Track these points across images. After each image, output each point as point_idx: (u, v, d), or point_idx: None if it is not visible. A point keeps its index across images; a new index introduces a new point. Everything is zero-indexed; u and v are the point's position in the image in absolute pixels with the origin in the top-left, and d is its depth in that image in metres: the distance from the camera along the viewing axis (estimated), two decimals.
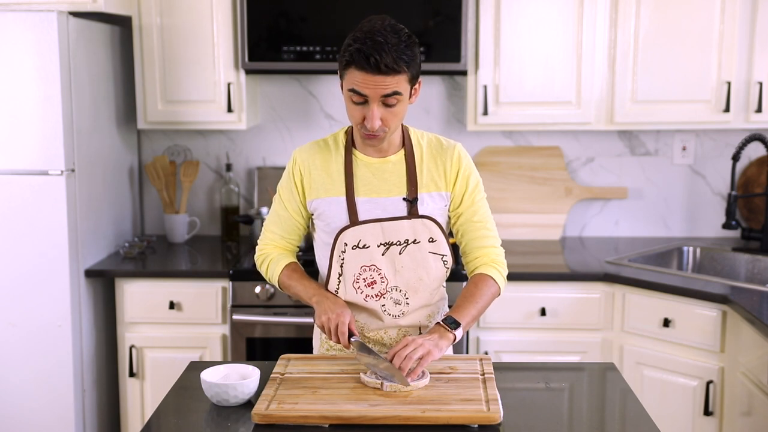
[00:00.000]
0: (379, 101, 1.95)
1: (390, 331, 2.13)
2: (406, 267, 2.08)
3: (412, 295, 2.11)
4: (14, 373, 3.10)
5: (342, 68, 1.97)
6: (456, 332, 1.99)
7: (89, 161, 3.24)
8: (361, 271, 2.08)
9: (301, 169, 2.13)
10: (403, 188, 2.09)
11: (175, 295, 3.23)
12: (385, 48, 1.89)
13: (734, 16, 3.28)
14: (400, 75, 1.93)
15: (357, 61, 1.91)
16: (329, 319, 1.99)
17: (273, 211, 2.20)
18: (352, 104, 1.98)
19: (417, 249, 2.08)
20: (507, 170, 3.74)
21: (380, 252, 2.07)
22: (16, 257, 3.06)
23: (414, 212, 2.07)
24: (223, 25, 3.37)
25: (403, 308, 2.11)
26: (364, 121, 1.98)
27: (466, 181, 2.12)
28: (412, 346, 1.91)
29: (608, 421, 1.93)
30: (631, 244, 3.63)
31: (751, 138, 3.29)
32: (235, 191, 3.74)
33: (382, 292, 2.10)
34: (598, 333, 3.19)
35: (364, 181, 2.09)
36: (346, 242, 2.07)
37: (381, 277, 2.08)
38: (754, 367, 2.68)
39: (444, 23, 3.27)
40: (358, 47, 1.91)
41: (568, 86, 3.38)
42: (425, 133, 2.16)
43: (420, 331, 2.15)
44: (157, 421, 1.89)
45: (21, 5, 3.10)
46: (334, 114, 3.78)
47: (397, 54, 1.91)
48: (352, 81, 1.94)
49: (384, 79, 1.91)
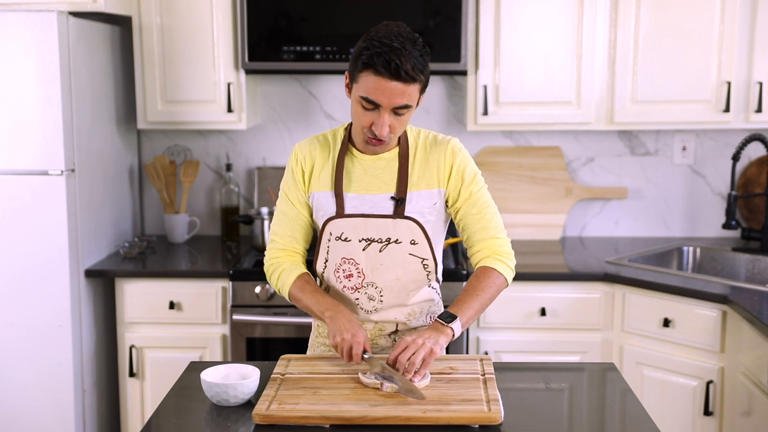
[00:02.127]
0: (389, 110, 1.94)
1: (366, 325, 2.13)
2: (384, 265, 2.08)
3: (387, 293, 2.10)
4: (14, 373, 3.10)
5: (355, 71, 1.95)
6: (453, 326, 1.96)
7: (89, 161, 3.24)
8: (341, 262, 2.09)
9: (302, 163, 2.13)
10: (393, 186, 2.08)
11: (175, 295, 3.23)
12: (404, 55, 1.88)
13: (734, 16, 3.28)
14: (415, 84, 1.93)
15: (376, 64, 1.89)
16: (344, 341, 1.96)
17: (279, 212, 2.18)
18: (362, 109, 1.96)
19: (398, 249, 2.07)
20: (507, 170, 3.74)
21: (361, 247, 2.07)
22: (16, 257, 3.06)
23: (400, 212, 2.06)
24: (223, 25, 3.37)
25: (376, 305, 2.11)
26: (371, 126, 1.97)
27: (462, 175, 2.09)
28: (413, 348, 1.90)
29: (608, 421, 1.93)
30: (631, 244, 3.63)
31: (751, 138, 3.29)
32: (235, 191, 3.74)
33: (358, 286, 2.10)
34: (598, 333, 3.19)
35: (356, 178, 2.08)
36: (331, 232, 2.08)
37: (358, 271, 2.09)
38: (754, 367, 2.68)
39: (444, 23, 3.27)
40: (378, 50, 1.88)
41: (568, 86, 3.38)
42: (422, 131, 2.15)
43: (397, 327, 2.14)
44: (157, 421, 1.89)
45: (21, 5, 3.10)
46: (334, 114, 3.78)
47: (415, 63, 1.90)
48: (366, 87, 1.92)
49: (400, 87, 1.90)
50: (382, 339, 2.15)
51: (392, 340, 2.15)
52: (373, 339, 2.14)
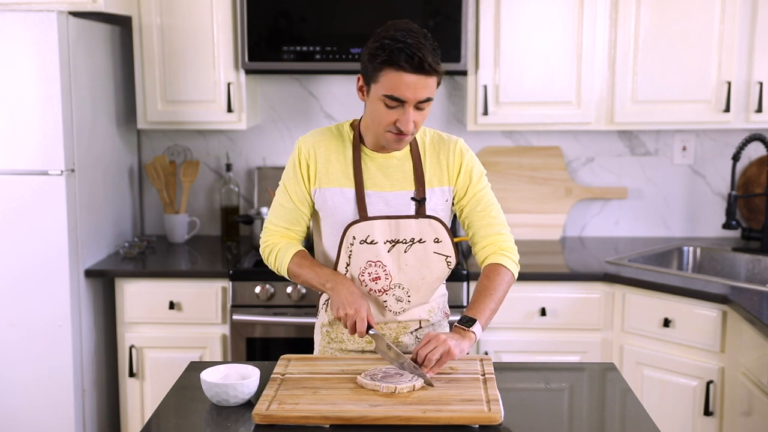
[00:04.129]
0: (414, 105, 1.94)
1: (390, 325, 2.15)
2: (410, 265, 2.10)
3: (414, 293, 2.12)
4: (14, 373, 3.10)
5: (374, 72, 1.94)
6: (474, 329, 1.99)
7: (89, 161, 3.24)
8: (366, 266, 2.09)
9: (306, 157, 2.12)
10: (407, 184, 2.10)
11: (175, 295, 3.23)
12: (423, 48, 1.90)
13: (734, 16, 3.28)
14: (435, 76, 1.94)
15: (399, 60, 1.89)
16: (347, 315, 1.99)
17: (276, 203, 2.18)
18: (385, 108, 1.95)
19: (422, 248, 2.09)
20: (507, 170, 3.74)
21: (386, 249, 2.08)
22: (16, 257, 3.06)
23: (422, 212, 2.09)
24: (223, 25, 3.37)
25: (404, 305, 2.13)
26: (395, 123, 1.97)
27: (470, 174, 2.14)
28: (433, 344, 1.92)
29: (608, 421, 1.93)
30: (631, 244, 3.63)
31: (751, 138, 3.29)
32: (235, 191, 3.73)
33: (386, 288, 2.11)
34: (598, 333, 3.19)
35: (369, 175, 2.09)
36: (354, 236, 2.07)
37: (386, 273, 2.10)
38: (754, 367, 2.68)
39: (444, 23, 3.27)
40: (397, 47, 1.89)
41: (568, 86, 3.38)
42: (427, 129, 2.17)
43: (420, 325, 2.17)
44: (157, 421, 1.89)
45: (21, 5, 3.10)
46: (334, 114, 3.78)
47: (434, 55, 1.92)
48: (389, 85, 1.92)
49: (423, 80, 1.91)
50: (405, 336, 2.17)
51: (414, 337, 2.17)
52: (397, 336, 2.16)
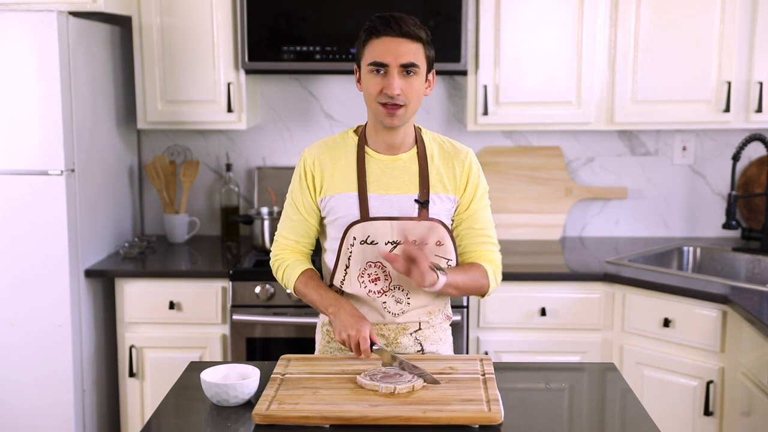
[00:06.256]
0: (398, 70, 1.99)
1: (389, 326, 2.15)
2: None
3: (414, 295, 2.12)
4: (14, 374, 3.10)
5: (361, 47, 2.03)
6: (440, 275, 1.99)
7: (89, 161, 3.24)
8: (366, 267, 2.10)
9: (312, 168, 2.13)
10: (412, 187, 2.10)
11: (175, 295, 3.23)
12: (404, 18, 2.00)
13: (734, 16, 3.28)
14: (419, 44, 2.01)
15: (379, 29, 1.98)
16: (350, 337, 2.00)
17: (285, 216, 2.20)
18: (372, 77, 2.01)
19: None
20: (507, 170, 3.74)
21: (387, 250, 2.08)
22: (16, 257, 3.06)
23: (425, 215, 2.09)
24: (223, 25, 3.37)
25: (403, 307, 2.13)
26: (382, 90, 2.00)
27: (475, 190, 2.15)
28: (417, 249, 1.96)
29: (608, 421, 1.93)
30: (631, 244, 3.63)
31: (751, 138, 3.29)
32: (235, 191, 3.73)
33: (385, 289, 2.11)
34: (598, 333, 3.19)
35: (374, 178, 2.10)
36: (355, 236, 2.08)
37: (385, 274, 2.10)
38: (754, 367, 2.68)
39: (444, 23, 3.27)
40: (378, 19, 2.00)
41: (568, 86, 3.38)
42: (437, 135, 2.20)
43: (420, 327, 2.16)
44: (157, 421, 1.89)
45: (21, 5, 3.10)
46: (334, 114, 3.78)
47: (415, 23, 2.01)
48: (372, 53, 2.00)
49: (405, 44, 1.99)
50: (404, 337, 2.16)
51: (414, 339, 2.17)
52: (395, 338, 2.16)
